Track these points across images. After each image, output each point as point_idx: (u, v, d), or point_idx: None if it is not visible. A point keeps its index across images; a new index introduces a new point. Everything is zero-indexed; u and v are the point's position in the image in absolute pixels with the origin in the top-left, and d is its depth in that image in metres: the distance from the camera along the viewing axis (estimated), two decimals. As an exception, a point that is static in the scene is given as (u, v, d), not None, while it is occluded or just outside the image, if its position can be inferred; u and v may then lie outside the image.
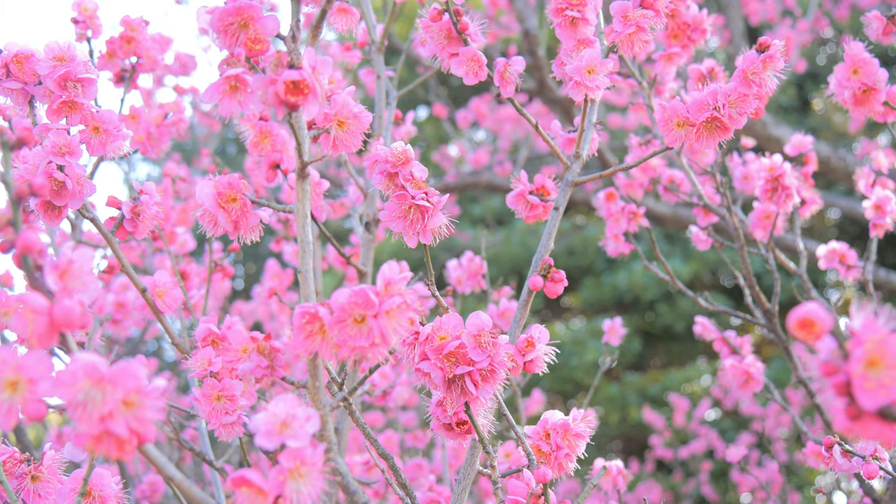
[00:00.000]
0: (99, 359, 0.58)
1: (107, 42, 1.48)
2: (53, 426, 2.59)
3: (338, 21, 1.15)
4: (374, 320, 0.72)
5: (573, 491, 3.83)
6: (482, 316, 0.89)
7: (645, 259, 1.82)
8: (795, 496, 4.12)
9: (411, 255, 4.80)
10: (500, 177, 4.30)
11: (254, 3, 0.76)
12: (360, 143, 0.88)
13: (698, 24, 1.50)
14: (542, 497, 0.92)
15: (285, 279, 2.40)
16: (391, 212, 0.94)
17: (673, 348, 6.38)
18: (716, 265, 5.85)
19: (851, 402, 0.49)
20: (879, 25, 1.30)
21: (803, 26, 4.27)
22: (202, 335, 1.01)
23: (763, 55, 1.00)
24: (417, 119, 7.32)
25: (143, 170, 7.92)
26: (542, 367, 0.97)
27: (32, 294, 0.59)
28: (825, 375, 0.50)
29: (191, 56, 2.67)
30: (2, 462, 0.98)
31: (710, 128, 1.00)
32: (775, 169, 1.54)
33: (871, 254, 1.63)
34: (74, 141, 1.03)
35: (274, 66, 0.73)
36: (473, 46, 1.04)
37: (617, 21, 1.08)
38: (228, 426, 1.00)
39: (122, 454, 0.59)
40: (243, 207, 0.90)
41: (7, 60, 1.07)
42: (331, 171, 3.68)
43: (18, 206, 0.60)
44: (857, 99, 1.22)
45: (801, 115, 6.50)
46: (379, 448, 0.97)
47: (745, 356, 1.75)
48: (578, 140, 1.11)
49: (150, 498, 2.08)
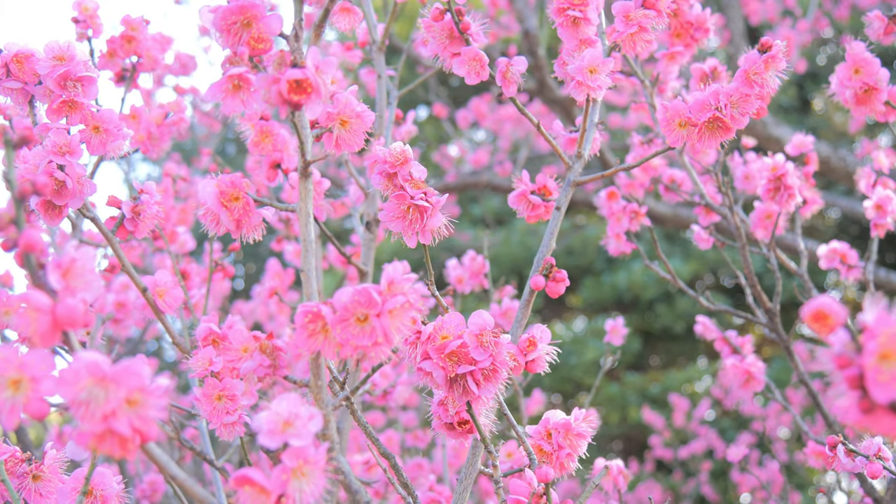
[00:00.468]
0: (102, 357, 0.58)
1: (107, 41, 1.47)
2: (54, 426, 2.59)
3: (341, 20, 1.15)
4: (376, 319, 0.72)
5: (573, 491, 3.83)
6: (484, 315, 0.89)
7: (646, 258, 1.82)
8: (796, 496, 4.12)
9: (412, 255, 4.80)
10: (500, 177, 4.30)
11: (256, 2, 0.76)
12: (362, 142, 0.88)
13: (701, 24, 1.50)
14: (544, 496, 0.92)
15: (286, 279, 2.40)
16: (390, 212, 0.94)
17: (673, 348, 6.39)
18: (716, 265, 5.85)
19: (864, 396, 0.49)
20: (880, 25, 1.30)
21: (803, 26, 4.28)
22: (203, 335, 1.01)
23: (765, 55, 0.99)
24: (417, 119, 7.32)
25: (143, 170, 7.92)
26: (543, 367, 0.97)
27: (35, 292, 0.59)
28: (838, 368, 0.50)
29: (191, 56, 2.67)
30: (3, 461, 0.98)
31: (712, 128, 1.00)
32: (778, 168, 1.54)
33: (872, 254, 1.63)
34: (75, 140, 1.03)
35: (277, 65, 0.73)
36: (475, 46, 1.04)
37: (619, 21, 1.08)
38: (229, 426, 1.00)
39: (125, 453, 0.59)
40: (246, 206, 0.90)
41: (7, 60, 1.07)
42: (331, 171, 3.68)
43: (21, 205, 0.60)
44: (858, 98, 1.22)
45: (802, 114, 6.50)
46: (381, 447, 0.97)
47: (746, 356, 1.75)
48: (580, 140, 1.11)
49: (150, 497, 2.08)
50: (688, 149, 1.62)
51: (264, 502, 0.64)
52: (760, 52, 1.00)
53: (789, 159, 1.61)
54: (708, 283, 6.51)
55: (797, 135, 1.70)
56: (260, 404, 0.72)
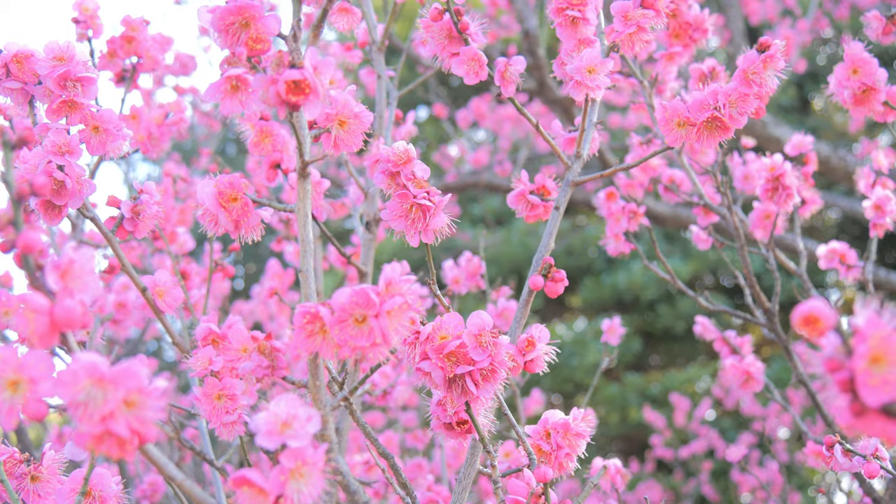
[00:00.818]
0: (100, 358, 0.58)
1: (107, 42, 1.47)
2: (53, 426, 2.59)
3: (339, 20, 1.15)
4: (375, 320, 0.72)
5: (573, 490, 3.83)
6: (483, 315, 0.89)
7: (645, 258, 1.82)
8: (796, 496, 4.12)
9: (411, 255, 4.80)
10: (500, 177, 4.30)
11: (255, 3, 0.76)
12: (361, 142, 0.88)
13: (700, 24, 1.50)
14: (543, 496, 0.92)
15: (286, 279, 2.39)
16: (393, 211, 0.94)
17: (673, 348, 6.38)
18: (715, 265, 5.85)
19: (855, 399, 0.49)
20: (879, 25, 1.30)
21: (803, 26, 4.27)
22: (203, 334, 1.01)
23: (764, 55, 1.00)
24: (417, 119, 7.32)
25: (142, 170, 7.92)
26: (542, 367, 0.97)
27: (33, 294, 0.59)
28: (829, 372, 0.50)
29: (191, 56, 2.67)
30: (2, 462, 0.98)
31: (711, 128, 1.00)
32: (776, 169, 1.54)
33: (871, 253, 1.63)
34: (74, 140, 1.03)
35: (275, 65, 0.73)
36: (474, 46, 1.04)
37: (617, 21, 1.08)
38: (229, 425, 1.00)
39: (124, 454, 0.59)
40: (244, 207, 0.90)
41: (7, 60, 1.07)
42: (331, 171, 3.68)
43: (20, 206, 0.60)
44: (856, 99, 1.22)
45: (801, 114, 6.50)
46: (380, 448, 0.97)
47: (746, 356, 1.75)
48: (579, 140, 1.11)
49: (150, 498, 2.08)
50: (687, 149, 1.62)
51: (263, 503, 0.64)
52: (759, 52, 1.00)
53: (788, 159, 1.61)
54: (707, 284, 6.51)
55: (796, 135, 1.70)
56: (259, 405, 0.72)
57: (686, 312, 5.69)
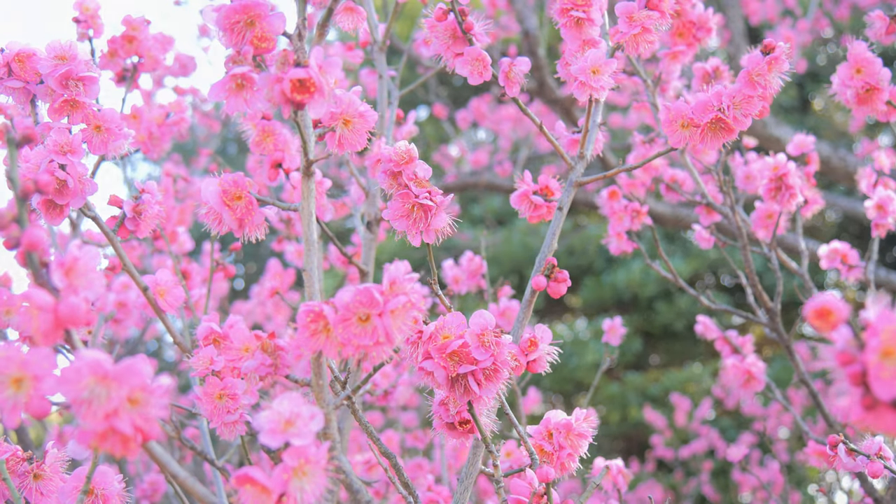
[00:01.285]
0: (104, 356, 0.57)
1: (108, 41, 1.47)
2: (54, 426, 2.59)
3: (344, 20, 1.15)
4: (378, 319, 0.72)
5: (573, 490, 3.83)
6: (486, 315, 0.88)
7: (647, 257, 1.82)
8: (796, 496, 4.12)
9: (412, 255, 4.80)
10: (500, 177, 4.29)
11: (260, 1, 0.76)
12: (365, 141, 0.88)
13: (704, 23, 1.50)
14: (545, 496, 0.92)
15: (287, 279, 2.39)
16: (395, 210, 0.94)
17: (673, 347, 6.38)
18: (716, 264, 5.85)
19: (867, 392, 0.50)
20: (882, 25, 1.29)
21: (803, 26, 4.27)
22: (204, 334, 1.01)
23: (769, 57, 0.99)
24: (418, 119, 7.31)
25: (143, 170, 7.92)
26: (545, 367, 0.97)
27: (37, 291, 0.59)
28: (841, 365, 0.50)
29: (190, 57, 2.67)
30: (4, 460, 0.98)
31: (715, 129, 1.00)
32: (779, 168, 1.54)
33: (873, 253, 1.63)
34: (76, 139, 1.03)
35: (280, 64, 0.73)
36: (478, 46, 1.04)
37: (622, 22, 1.08)
38: (230, 425, 1.00)
39: (127, 452, 0.59)
40: (248, 205, 0.90)
41: (9, 59, 1.07)
42: (332, 171, 3.68)
43: (24, 204, 0.60)
44: (859, 98, 1.22)
45: (802, 114, 6.50)
46: (382, 447, 0.96)
47: (747, 355, 1.75)
48: (583, 140, 1.11)
49: (150, 497, 2.08)
50: (689, 149, 1.62)
51: (265, 501, 0.64)
52: (763, 54, 1.00)
53: (790, 159, 1.61)
54: (708, 283, 6.51)
55: (798, 135, 1.70)
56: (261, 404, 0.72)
57: (685, 310, 5.69)
